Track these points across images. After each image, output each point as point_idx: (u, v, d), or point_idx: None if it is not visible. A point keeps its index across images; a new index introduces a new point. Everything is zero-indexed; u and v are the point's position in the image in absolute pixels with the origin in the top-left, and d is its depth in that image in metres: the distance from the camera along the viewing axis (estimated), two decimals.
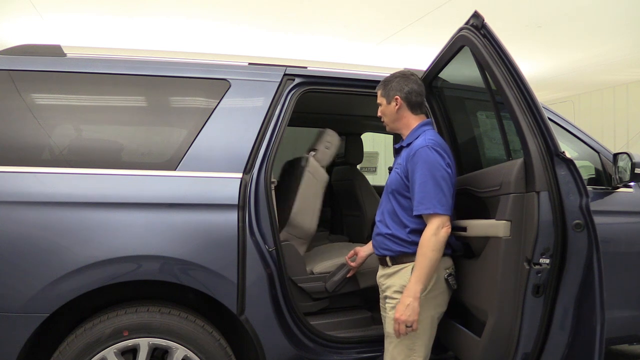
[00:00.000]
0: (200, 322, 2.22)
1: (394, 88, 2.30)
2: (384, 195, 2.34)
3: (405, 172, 2.20)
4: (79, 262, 2.07)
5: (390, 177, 2.30)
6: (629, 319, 2.88)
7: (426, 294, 2.14)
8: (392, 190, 2.25)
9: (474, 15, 2.15)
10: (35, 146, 2.25)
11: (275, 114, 2.44)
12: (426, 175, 2.11)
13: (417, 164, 2.14)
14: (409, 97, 2.29)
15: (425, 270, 2.07)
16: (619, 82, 9.36)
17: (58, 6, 5.91)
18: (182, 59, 2.57)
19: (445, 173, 2.13)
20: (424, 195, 2.11)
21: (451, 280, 2.22)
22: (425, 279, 2.09)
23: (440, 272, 2.19)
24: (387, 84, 2.32)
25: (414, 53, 7.49)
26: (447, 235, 2.11)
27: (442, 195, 2.10)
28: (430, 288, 2.15)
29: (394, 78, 2.32)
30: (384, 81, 2.34)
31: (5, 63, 2.30)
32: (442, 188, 2.10)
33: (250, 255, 2.25)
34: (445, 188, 2.11)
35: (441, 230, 2.09)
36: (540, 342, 2.04)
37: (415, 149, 2.17)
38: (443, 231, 2.09)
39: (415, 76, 2.34)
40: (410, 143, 2.24)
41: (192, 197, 2.24)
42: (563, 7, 5.79)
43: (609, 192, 2.94)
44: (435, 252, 2.08)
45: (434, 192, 2.10)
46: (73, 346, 2.07)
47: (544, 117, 2.02)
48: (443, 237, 2.09)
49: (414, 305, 2.06)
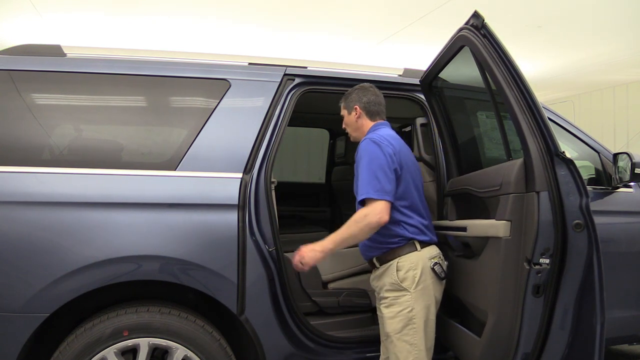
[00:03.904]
0: (200, 322, 2.22)
1: (353, 99, 2.42)
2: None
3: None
4: (79, 262, 2.07)
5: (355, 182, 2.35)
6: (629, 319, 2.88)
7: (415, 286, 2.18)
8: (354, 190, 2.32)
9: (474, 15, 2.15)
10: (35, 146, 2.25)
11: (275, 114, 2.44)
12: (363, 167, 2.20)
13: (358, 159, 2.24)
14: (368, 107, 2.40)
15: (341, 238, 2.18)
16: (619, 82, 9.36)
17: (58, 6, 5.91)
18: (182, 59, 2.57)
19: (382, 161, 2.19)
20: (360, 184, 2.20)
21: (438, 269, 2.24)
22: (338, 244, 2.19)
23: (426, 262, 2.22)
24: (347, 97, 2.45)
25: (414, 53, 7.49)
26: (377, 223, 2.14)
27: (376, 182, 2.16)
28: (417, 280, 2.19)
29: (354, 90, 2.44)
30: (345, 94, 2.47)
31: (5, 63, 2.30)
32: (376, 175, 2.17)
33: (250, 255, 2.25)
34: (381, 175, 2.17)
35: (371, 216, 2.13)
36: (540, 342, 2.04)
37: (359, 146, 2.28)
38: (374, 218, 2.13)
39: (373, 88, 2.45)
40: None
41: (192, 197, 2.24)
42: (563, 7, 5.80)
43: (609, 192, 2.94)
44: (356, 230, 2.16)
45: (368, 179, 2.17)
46: (73, 346, 2.07)
47: (544, 117, 2.02)
48: (371, 222, 2.13)
49: (316, 255, 2.18)
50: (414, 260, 2.22)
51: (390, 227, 2.22)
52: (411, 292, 2.18)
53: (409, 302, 2.18)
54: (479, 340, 2.15)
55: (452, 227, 2.43)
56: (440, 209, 2.74)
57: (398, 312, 2.19)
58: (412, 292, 2.18)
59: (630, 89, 9.31)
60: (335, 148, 4.88)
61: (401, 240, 2.24)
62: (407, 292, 2.19)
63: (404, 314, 2.18)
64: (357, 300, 2.91)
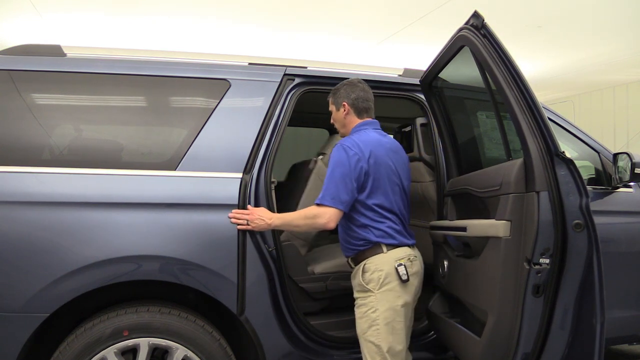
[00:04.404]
0: (200, 322, 2.22)
1: (342, 95, 2.41)
2: None
3: None
4: (79, 262, 2.07)
5: None
6: (629, 319, 2.88)
7: (379, 288, 2.21)
8: None
9: (474, 15, 2.15)
10: (35, 146, 2.25)
11: (275, 114, 2.44)
12: (328, 172, 2.24)
13: (330, 163, 2.27)
14: (356, 104, 2.39)
15: (289, 221, 2.29)
16: (619, 82, 9.37)
17: (58, 6, 5.91)
18: (182, 59, 2.57)
19: (346, 170, 2.21)
20: (323, 188, 2.24)
21: (401, 271, 2.23)
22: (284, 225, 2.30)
23: (391, 263, 2.23)
24: (336, 92, 2.44)
25: (414, 52, 7.49)
26: (322, 226, 2.21)
27: (335, 190, 2.20)
28: (382, 282, 2.21)
29: (342, 86, 2.43)
30: (333, 90, 2.46)
31: (5, 63, 2.30)
32: (336, 183, 2.20)
33: (250, 255, 2.25)
34: (341, 184, 2.20)
35: (319, 219, 2.19)
36: (540, 342, 2.04)
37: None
38: (321, 221, 2.19)
39: (362, 83, 2.43)
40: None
41: (192, 197, 2.24)
42: (563, 7, 5.80)
43: (609, 192, 2.94)
44: (302, 223, 2.26)
45: (328, 185, 2.22)
46: (73, 346, 2.07)
47: (544, 117, 2.02)
48: (317, 224, 2.21)
49: (259, 223, 2.23)
50: (379, 263, 2.24)
51: (357, 230, 2.28)
52: (375, 293, 2.22)
53: (372, 303, 2.22)
54: (479, 340, 2.15)
55: (452, 227, 2.43)
56: (440, 209, 2.74)
57: (364, 312, 2.24)
58: (376, 293, 2.22)
59: (630, 89, 9.31)
60: None
61: (367, 244, 2.27)
62: (372, 293, 2.23)
63: (368, 315, 2.22)
64: (345, 283, 2.88)
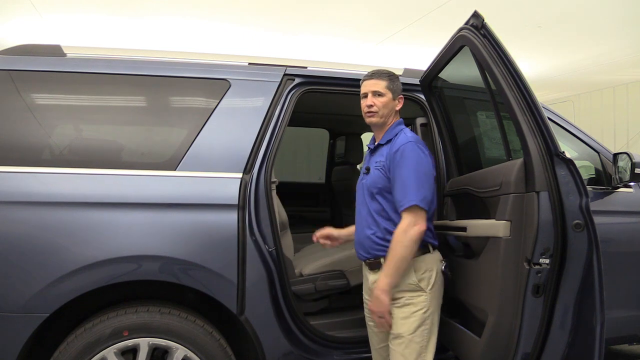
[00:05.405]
0: (200, 322, 2.22)
1: (400, 88, 2.30)
2: (364, 197, 2.28)
3: (388, 168, 2.18)
4: (79, 262, 2.07)
5: (372, 176, 2.24)
6: (629, 319, 2.88)
7: (431, 287, 2.15)
8: (379, 189, 2.20)
9: (474, 15, 2.15)
10: (35, 146, 2.25)
11: (275, 114, 2.44)
12: (411, 170, 2.11)
13: (403, 159, 2.13)
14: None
15: (395, 265, 2.07)
16: (619, 82, 9.36)
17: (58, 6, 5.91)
18: (182, 59, 2.57)
19: (428, 169, 2.15)
20: (407, 190, 2.10)
21: (447, 271, 2.23)
22: (395, 275, 2.08)
23: (437, 263, 2.21)
24: (395, 80, 2.28)
25: (414, 53, 7.48)
26: (419, 234, 2.08)
27: (423, 190, 2.10)
28: (433, 281, 2.16)
29: (397, 78, 2.30)
30: (391, 75, 2.28)
31: (5, 63, 2.30)
32: (423, 183, 2.12)
33: (250, 255, 2.25)
34: (427, 184, 2.13)
35: (413, 227, 2.07)
36: (540, 342, 2.04)
37: (399, 145, 2.17)
38: (415, 229, 2.07)
39: None
40: (390, 140, 2.24)
41: (192, 197, 2.24)
42: (563, 7, 5.80)
43: (609, 192, 2.94)
44: (405, 249, 2.07)
45: (416, 186, 2.09)
46: (73, 346, 2.07)
47: (544, 117, 2.02)
48: (415, 235, 2.07)
49: (383, 298, 2.08)
50: (429, 262, 2.19)
51: None
52: (427, 293, 2.15)
53: (424, 303, 2.14)
54: (479, 340, 2.15)
55: (452, 227, 2.43)
56: (440, 209, 2.74)
57: (413, 312, 2.14)
58: (428, 292, 2.15)
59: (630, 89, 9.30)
60: (335, 148, 4.88)
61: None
62: (424, 292, 2.15)
63: (419, 315, 2.13)
64: (334, 282, 2.88)
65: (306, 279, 2.85)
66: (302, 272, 2.90)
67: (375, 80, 2.26)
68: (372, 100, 2.24)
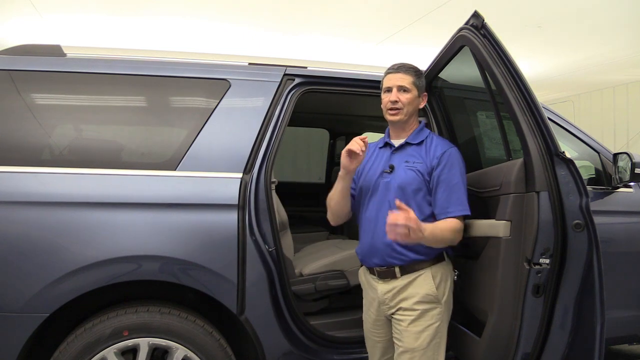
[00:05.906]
0: (200, 322, 2.22)
1: (424, 85, 2.23)
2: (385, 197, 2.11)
3: (428, 170, 2.09)
4: (78, 262, 2.07)
5: (404, 176, 2.09)
6: (629, 319, 2.88)
7: (445, 299, 2.09)
8: (414, 190, 2.08)
9: (474, 15, 2.15)
10: (35, 146, 2.25)
11: (275, 114, 2.44)
12: (460, 178, 2.09)
13: (451, 165, 2.09)
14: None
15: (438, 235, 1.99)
16: (619, 82, 9.36)
17: (58, 6, 5.91)
18: (182, 59, 2.57)
19: (465, 177, 2.15)
20: (459, 198, 2.07)
21: (458, 281, 2.22)
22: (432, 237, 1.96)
23: (451, 272, 2.17)
24: (421, 77, 2.20)
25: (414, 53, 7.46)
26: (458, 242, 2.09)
27: (466, 200, 2.11)
28: (447, 292, 2.11)
29: (422, 74, 2.23)
30: (418, 71, 2.19)
31: (5, 63, 2.30)
32: (465, 191, 2.11)
33: (250, 255, 2.25)
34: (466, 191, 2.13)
35: (461, 234, 2.07)
36: (540, 342, 2.04)
37: (444, 148, 2.12)
38: (459, 237, 2.07)
39: None
40: (423, 141, 2.17)
41: (192, 197, 2.24)
42: (563, 7, 5.80)
43: (609, 192, 2.94)
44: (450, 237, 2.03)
45: (465, 195, 2.09)
46: (73, 346, 2.07)
47: (544, 117, 2.02)
48: (456, 240, 2.07)
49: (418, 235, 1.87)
50: (444, 271, 2.11)
51: None
52: (442, 305, 2.07)
53: (439, 316, 2.06)
54: (479, 340, 2.15)
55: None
56: None
57: (429, 325, 2.03)
58: (442, 304, 2.07)
59: (630, 89, 9.30)
60: (335, 148, 4.88)
61: (437, 250, 2.10)
62: (439, 304, 2.06)
63: (433, 328, 2.03)
64: (334, 282, 2.87)
65: (306, 279, 2.85)
66: (302, 272, 2.90)
67: (402, 75, 2.14)
68: (397, 95, 2.12)
